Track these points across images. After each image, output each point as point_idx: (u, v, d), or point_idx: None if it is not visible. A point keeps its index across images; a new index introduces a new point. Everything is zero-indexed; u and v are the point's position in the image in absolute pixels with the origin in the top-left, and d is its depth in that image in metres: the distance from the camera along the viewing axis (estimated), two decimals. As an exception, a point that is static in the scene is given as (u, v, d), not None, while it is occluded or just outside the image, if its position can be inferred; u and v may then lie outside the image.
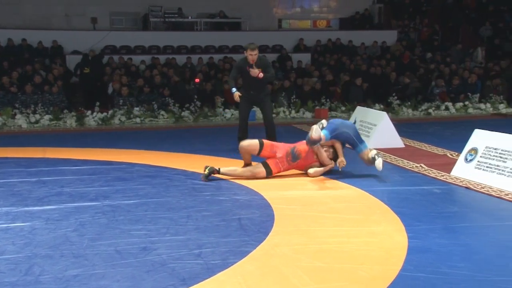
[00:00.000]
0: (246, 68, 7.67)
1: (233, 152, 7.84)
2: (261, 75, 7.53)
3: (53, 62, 14.64)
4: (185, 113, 12.08)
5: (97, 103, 12.01)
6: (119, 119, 11.66)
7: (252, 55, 7.58)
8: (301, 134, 9.97)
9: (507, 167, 5.55)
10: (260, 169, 6.04)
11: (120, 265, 3.51)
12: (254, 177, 6.00)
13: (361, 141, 6.26)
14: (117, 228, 4.30)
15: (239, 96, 7.72)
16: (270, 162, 6.08)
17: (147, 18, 17.74)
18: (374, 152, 6.12)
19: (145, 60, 15.56)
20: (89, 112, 11.73)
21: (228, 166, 6.22)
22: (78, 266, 3.49)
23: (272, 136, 7.90)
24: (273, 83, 13.66)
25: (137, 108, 12.05)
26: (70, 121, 11.46)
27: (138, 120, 11.73)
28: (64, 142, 9.21)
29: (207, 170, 5.97)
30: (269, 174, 6.04)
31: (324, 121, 6.40)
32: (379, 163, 5.94)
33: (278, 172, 6.10)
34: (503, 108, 13.06)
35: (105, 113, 11.75)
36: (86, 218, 4.59)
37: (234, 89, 7.73)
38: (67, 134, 10.35)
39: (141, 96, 12.71)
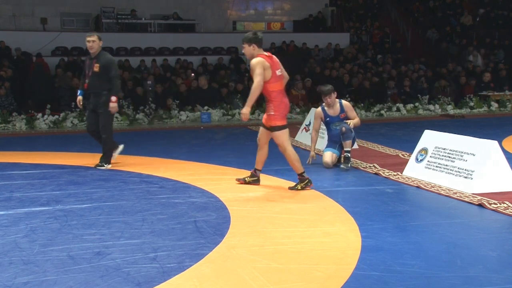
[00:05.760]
0: (89, 63, 6.78)
1: (188, 154, 7.81)
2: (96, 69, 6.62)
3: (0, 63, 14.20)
4: (140, 116, 11.93)
5: (48, 106, 11.71)
6: (72, 122, 11.41)
7: (89, 41, 6.68)
8: (255, 135, 10.02)
9: (455, 167, 5.73)
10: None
11: (73, 271, 3.43)
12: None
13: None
14: (69, 233, 4.21)
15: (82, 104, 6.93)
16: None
17: (99, 19, 17.44)
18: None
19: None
20: (40, 115, 11.43)
21: (184, 169, 6.16)
22: (28, 273, 3.40)
23: (106, 151, 6.93)
24: (228, 85, 13.67)
25: (90, 111, 11.81)
26: (19, 124, 11.14)
27: (90, 122, 11.50)
28: (13, 146, 8.95)
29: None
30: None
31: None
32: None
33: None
34: (450, 109, 13.50)
35: (56, 116, 11.47)
36: (37, 223, 4.48)
37: (79, 92, 6.94)
38: (17, 138, 10.05)
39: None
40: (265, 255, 3.72)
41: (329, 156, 6.82)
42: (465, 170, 5.59)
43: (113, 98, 6.66)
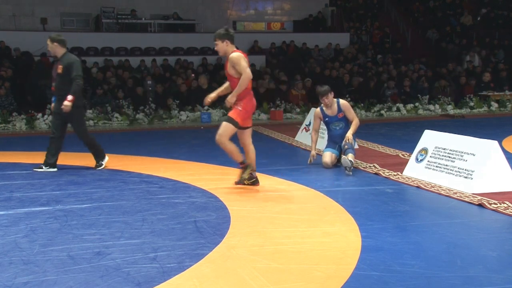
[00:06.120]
0: (55, 66, 6.61)
1: (188, 154, 7.81)
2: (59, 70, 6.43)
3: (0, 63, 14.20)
4: (140, 116, 11.94)
5: (48, 106, 11.70)
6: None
7: (48, 44, 6.58)
8: (255, 135, 10.02)
9: (455, 167, 5.73)
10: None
11: (73, 271, 3.43)
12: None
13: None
14: (69, 233, 4.21)
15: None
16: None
17: (99, 19, 17.44)
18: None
19: (98, 62, 15.29)
20: (40, 115, 11.43)
21: (184, 169, 6.15)
22: (28, 273, 3.39)
23: (94, 151, 6.88)
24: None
25: (90, 111, 11.82)
26: (19, 124, 11.14)
27: (91, 122, 11.51)
28: (13, 146, 8.94)
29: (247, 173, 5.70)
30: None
31: None
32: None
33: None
34: (450, 109, 13.50)
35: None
36: (37, 223, 4.47)
37: (53, 98, 6.68)
38: (17, 138, 10.05)
39: (94, 98, 12.48)
40: (265, 255, 3.72)
41: (328, 156, 6.82)
42: (465, 170, 5.59)
43: (69, 97, 6.33)
